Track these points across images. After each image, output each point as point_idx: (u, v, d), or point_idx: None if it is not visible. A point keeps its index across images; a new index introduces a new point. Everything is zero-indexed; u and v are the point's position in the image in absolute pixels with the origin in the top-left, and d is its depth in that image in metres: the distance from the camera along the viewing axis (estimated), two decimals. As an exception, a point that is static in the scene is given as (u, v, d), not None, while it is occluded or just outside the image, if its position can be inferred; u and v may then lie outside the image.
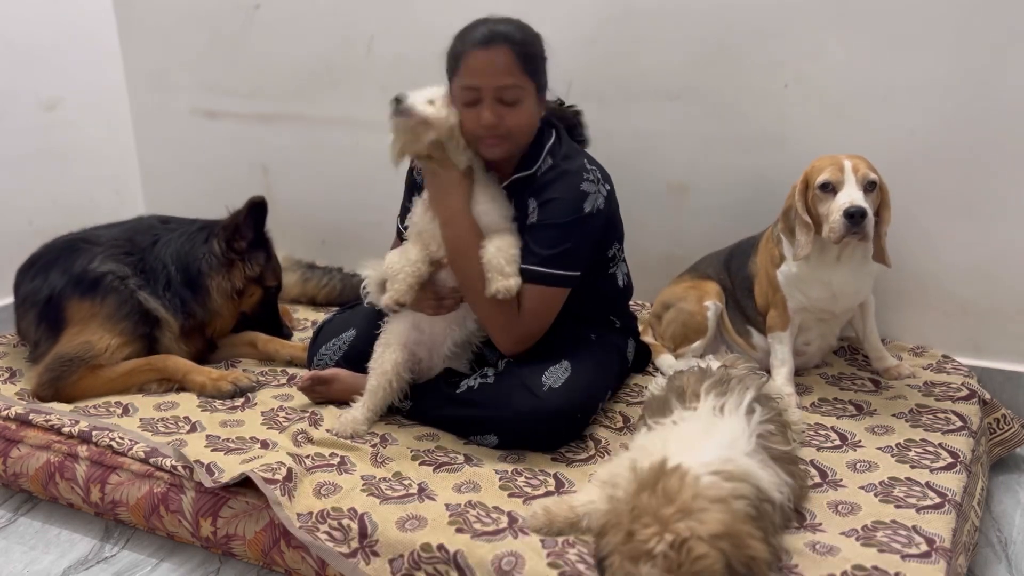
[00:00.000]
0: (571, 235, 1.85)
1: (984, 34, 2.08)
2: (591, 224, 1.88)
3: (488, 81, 1.81)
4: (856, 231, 1.88)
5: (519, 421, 1.83)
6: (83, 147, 3.07)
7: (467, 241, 1.88)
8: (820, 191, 1.94)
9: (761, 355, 2.18)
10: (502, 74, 1.80)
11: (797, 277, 2.05)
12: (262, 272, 2.38)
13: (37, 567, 1.80)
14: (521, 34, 1.84)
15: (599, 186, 1.88)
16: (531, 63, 1.83)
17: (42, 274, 2.27)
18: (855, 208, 1.87)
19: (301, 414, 2.03)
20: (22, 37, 2.83)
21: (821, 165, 1.96)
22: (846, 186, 1.91)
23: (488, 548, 1.50)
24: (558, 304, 1.90)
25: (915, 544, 1.48)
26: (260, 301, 2.41)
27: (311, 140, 2.96)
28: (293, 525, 1.63)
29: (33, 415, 2.00)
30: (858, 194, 1.90)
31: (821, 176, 1.94)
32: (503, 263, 1.84)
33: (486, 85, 1.81)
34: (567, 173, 1.87)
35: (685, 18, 2.35)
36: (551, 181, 1.88)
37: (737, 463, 1.40)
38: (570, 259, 1.87)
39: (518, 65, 1.81)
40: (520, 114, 1.84)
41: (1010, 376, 2.22)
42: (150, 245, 2.31)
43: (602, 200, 1.88)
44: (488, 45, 1.81)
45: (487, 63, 1.80)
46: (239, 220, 2.32)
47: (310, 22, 2.83)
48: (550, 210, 1.86)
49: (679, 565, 1.25)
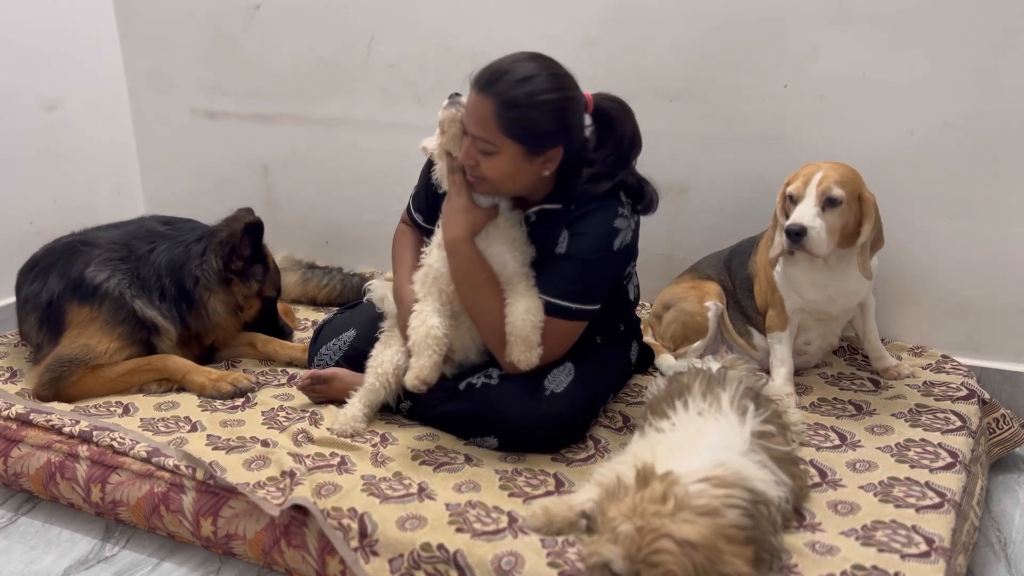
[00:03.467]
0: (598, 272, 1.86)
1: (984, 34, 2.08)
2: (618, 260, 1.89)
3: (468, 124, 1.78)
4: (797, 247, 1.90)
5: (519, 425, 1.83)
6: (83, 147, 3.07)
7: (470, 270, 1.84)
8: (789, 201, 1.96)
9: (762, 355, 2.18)
10: (476, 124, 1.75)
11: (791, 279, 2.05)
12: (261, 286, 2.37)
13: (38, 567, 1.80)
14: (511, 95, 1.71)
15: (630, 220, 1.87)
16: (512, 125, 1.72)
17: (42, 277, 2.27)
18: (794, 226, 1.89)
19: (301, 414, 2.03)
20: (22, 37, 2.83)
21: (797, 174, 1.97)
22: (804, 201, 1.92)
23: (488, 548, 1.51)
24: (575, 336, 1.89)
25: (914, 544, 1.49)
26: (260, 310, 2.42)
27: (311, 140, 2.96)
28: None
29: (34, 415, 2.01)
30: (811, 211, 1.90)
31: (790, 187, 1.96)
32: (529, 332, 1.80)
33: (467, 126, 1.78)
34: (602, 208, 1.84)
35: (685, 18, 2.35)
36: (586, 214, 1.84)
37: (729, 466, 1.40)
38: (593, 294, 1.87)
39: (495, 123, 1.72)
40: (493, 165, 1.77)
41: (1009, 376, 2.22)
42: (146, 253, 2.29)
43: (630, 235, 1.88)
44: (480, 91, 1.74)
45: (471, 106, 1.77)
46: (235, 240, 2.28)
47: (310, 23, 2.83)
48: (580, 244, 1.84)
49: (638, 550, 1.26)
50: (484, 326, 1.88)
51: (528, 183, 1.84)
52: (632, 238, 1.89)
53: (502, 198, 1.88)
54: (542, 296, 1.85)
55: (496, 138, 1.74)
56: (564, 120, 1.77)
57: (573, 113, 1.79)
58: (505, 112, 1.72)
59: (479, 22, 2.58)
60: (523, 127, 1.73)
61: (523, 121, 1.73)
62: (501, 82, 1.72)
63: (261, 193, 3.08)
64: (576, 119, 1.81)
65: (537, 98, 1.72)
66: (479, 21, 2.58)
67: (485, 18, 2.57)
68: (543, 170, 1.82)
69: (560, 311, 1.85)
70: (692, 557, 1.25)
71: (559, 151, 1.80)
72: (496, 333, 1.85)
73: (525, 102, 1.71)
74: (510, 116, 1.72)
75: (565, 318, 1.85)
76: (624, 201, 1.86)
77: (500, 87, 1.72)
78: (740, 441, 1.48)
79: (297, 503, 1.65)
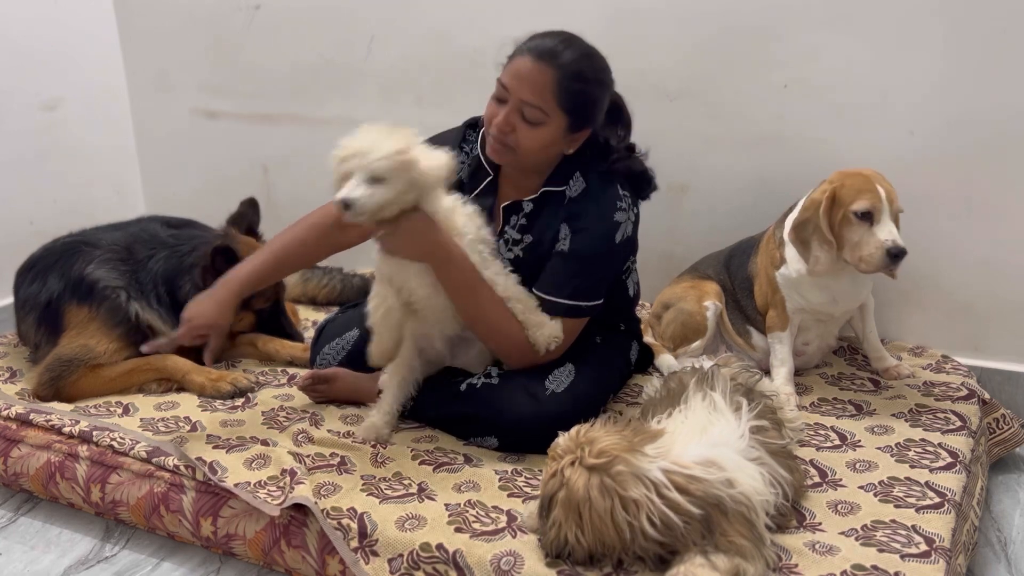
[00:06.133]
0: (601, 267, 1.87)
1: (984, 34, 2.08)
2: (620, 254, 1.90)
3: (518, 90, 1.77)
4: (894, 268, 1.87)
5: (519, 425, 1.83)
6: (83, 147, 3.07)
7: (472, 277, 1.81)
8: (856, 217, 1.89)
9: (761, 355, 2.18)
10: (531, 91, 1.76)
11: (797, 282, 2.05)
12: (249, 301, 2.30)
13: (37, 567, 1.80)
14: (578, 67, 1.76)
15: (630, 212, 1.87)
16: (571, 97, 1.76)
17: (41, 277, 2.27)
18: (899, 249, 1.84)
19: (302, 414, 2.03)
20: (22, 37, 2.83)
21: (855, 186, 1.90)
22: (884, 219, 1.87)
23: (487, 548, 1.51)
24: (578, 331, 1.91)
25: (914, 544, 1.49)
26: (255, 322, 2.40)
27: (311, 140, 2.96)
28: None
29: (33, 415, 2.01)
30: (895, 230, 1.87)
31: (859, 203, 1.88)
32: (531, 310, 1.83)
33: (515, 92, 1.78)
34: (601, 200, 1.85)
35: (685, 18, 2.35)
36: (585, 209, 1.85)
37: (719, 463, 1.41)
38: (596, 290, 1.88)
39: (553, 92, 1.75)
40: (534, 136, 1.79)
41: (1010, 376, 2.22)
42: (145, 258, 2.29)
43: (631, 227, 1.88)
44: (538, 59, 1.76)
45: (526, 74, 1.76)
46: (206, 263, 2.23)
47: (310, 23, 2.83)
48: (582, 240, 1.84)
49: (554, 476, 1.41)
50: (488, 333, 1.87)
51: (549, 159, 1.87)
52: (632, 230, 1.90)
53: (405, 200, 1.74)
54: (548, 296, 1.85)
55: (550, 108, 1.76)
56: (605, 99, 1.84)
57: (609, 93, 1.86)
58: (569, 83, 1.75)
59: (479, 22, 2.58)
60: (580, 101, 1.78)
61: (582, 96, 1.78)
62: (566, 53, 1.76)
63: (261, 193, 3.07)
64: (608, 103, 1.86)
65: (600, 76, 1.80)
66: (479, 21, 2.58)
67: (485, 18, 2.57)
68: (568, 148, 1.86)
69: (565, 310, 1.85)
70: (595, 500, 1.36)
71: (588, 132, 1.85)
72: (501, 333, 1.85)
73: (592, 77, 1.79)
74: (572, 88, 1.76)
75: (570, 316, 1.86)
76: (622, 193, 1.87)
77: (565, 58, 1.76)
78: (737, 438, 1.48)
79: (297, 502, 1.65)
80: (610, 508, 1.36)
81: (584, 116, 1.81)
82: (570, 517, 1.39)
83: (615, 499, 1.35)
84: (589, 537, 1.38)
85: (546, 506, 1.43)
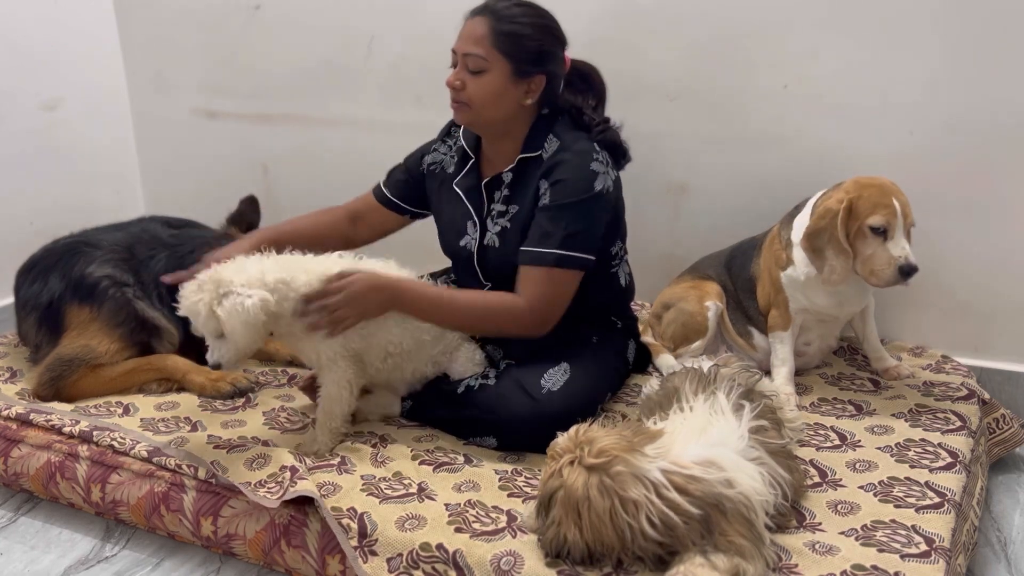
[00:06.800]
0: (585, 215, 1.87)
1: (984, 34, 2.08)
2: (603, 204, 1.89)
3: (460, 46, 1.89)
4: (903, 283, 1.88)
5: (517, 424, 1.83)
6: (83, 147, 3.07)
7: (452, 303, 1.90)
8: (870, 232, 1.89)
9: (762, 356, 2.18)
10: (471, 42, 1.87)
11: (804, 284, 2.04)
12: None
13: (37, 567, 1.80)
14: (510, 12, 1.88)
15: (608, 168, 1.90)
16: (507, 41, 1.86)
17: (41, 278, 2.27)
18: (911, 267, 1.86)
19: (302, 415, 2.03)
20: (22, 37, 2.83)
21: (872, 199, 1.89)
22: (897, 235, 1.88)
23: (487, 547, 1.51)
24: (573, 288, 1.90)
25: (914, 544, 1.49)
26: None
27: (311, 140, 2.96)
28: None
29: (34, 415, 2.01)
30: (908, 246, 1.88)
31: (875, 218, 1.88)
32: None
33: (459, 49, 1.90)
34: (576, 153, 1.89)
35: (685, 18, 2.35)
36: (561, 162, 1.89)
37: (718, 464, 1.41)
38: (584, 241, 1.87)
39: (489, 38, 1.86)
40: (481, 84, 1.87)
41: (1010, 376, 2.22)
42: (146, 259, 2.29)
43: (611, 183, 1.90)
44: (475, 14, 1.90)
45: (467, 31, 1.90)
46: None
47: (310, 22, 2.83)
48: (562, 190, 1.87)
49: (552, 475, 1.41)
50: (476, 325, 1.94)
51: (509, 110, 1.91)
52: (614, 188, 1.92)
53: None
54: (537, 248, 1.87)
55: (488, 53, 1.86)
56: (550, 44, 1.91)
57: (557, 41, 1.93)
58: (499, 26, 1.86)
59: (479, 22, 2.57)
60: (519, 45, 1.87)
61: (518, 38, 1.87)
62: (500, 4, 1.89)
63: (261, 193, 3.06)
64: (559, 52, 1.93)
65: (529, 18, 1.89)
66: (479, 21, 2.57)
67: (485, 18, 2.56)
68: (525, 98, 1.91)
69: (555, 260, 1.85)
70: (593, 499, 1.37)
71: (542, 80, 1.91)
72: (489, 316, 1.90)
73: (520, 18, 1.88)
74: (503, 30, 1.86)
75: (561, 266, 1.86)
76: (598, 149, 1.90)
77: (499, 7, 1.88)
78: (737, 438, 1.48)
79: (301, 495, 1.65)
80: (609, 508, 1.36)
81: (527, 60, 1.88)
82: (569, 516, 1.39)
83: (614, 499, 1.35)
84: (588, 537, 1.38)
85: (545, 505, 1.43)
